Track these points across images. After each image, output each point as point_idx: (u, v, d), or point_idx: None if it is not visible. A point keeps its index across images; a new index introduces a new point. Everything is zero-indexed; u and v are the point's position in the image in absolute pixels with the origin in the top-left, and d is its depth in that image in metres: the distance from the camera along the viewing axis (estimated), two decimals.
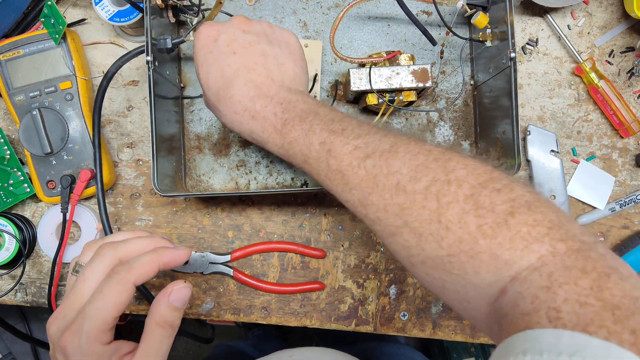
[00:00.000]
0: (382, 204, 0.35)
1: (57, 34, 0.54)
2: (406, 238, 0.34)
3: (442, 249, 0.32)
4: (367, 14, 0.60)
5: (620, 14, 0.61)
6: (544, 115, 0.61)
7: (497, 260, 0.30)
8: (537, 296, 0.27)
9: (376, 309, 0.62)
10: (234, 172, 0.60)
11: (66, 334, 0.35)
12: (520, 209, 0.31)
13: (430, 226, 0.33)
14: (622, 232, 0.62)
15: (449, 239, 0.32)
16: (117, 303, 0.35)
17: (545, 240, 0.29)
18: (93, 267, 0.37)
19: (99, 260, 0.37)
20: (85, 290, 0.36)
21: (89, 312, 0.35)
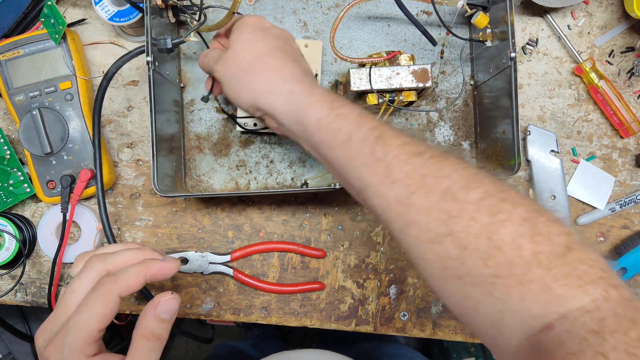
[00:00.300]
0: (426, 207, 0.33)
1: (57, 34, 0.54)
2: (447, 248, 0.32)
3: (488, 267, 0.30)
4: (367, 14, 0.60)
5: (620, 14, 0.61)
6: (544, 115, 0.61)
7: (548, 294, 0.29)
8: (586, 339, 0.27)
9: (376, 309, 0.62)
10: (234, 172, 0.60)
11: (50, 347, 0.34)
12: (576, 245, 0.30)
13: (477, 241, 0.31)
14: (622, 232, 0.62)
15: (498, 259, 0.30)
16: (102, 315, 0.34)
17: (600, 283, 0.29)
18: (81, 279, 0.37)
19: (86, 273, 0.37)
20: (71, 302, 0.36)
21: (73, 324, 0.34)
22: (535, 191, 0.61)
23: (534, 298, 0.29)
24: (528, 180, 0.62)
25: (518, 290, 0.30)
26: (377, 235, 0.62)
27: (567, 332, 0.28)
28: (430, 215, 0.33)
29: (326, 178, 0.60)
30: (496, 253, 0.30)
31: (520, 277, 0.29)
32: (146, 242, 0.61)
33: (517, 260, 0.30)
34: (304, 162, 0.60)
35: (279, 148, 0.60)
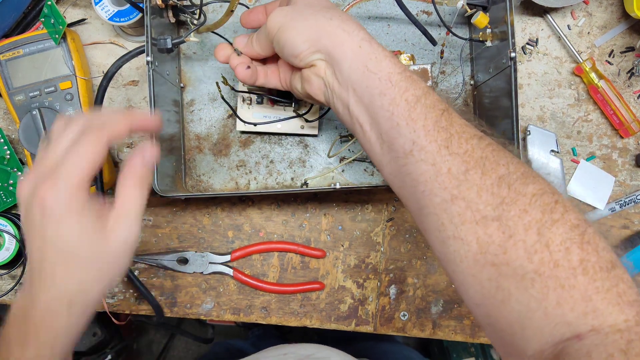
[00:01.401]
0: (479, 185, 0.32)
1: (57, 34, 0.54)
2: (490, 232, 0.31)
3: (531, 262, 0.30)
4: (367, 14, 0.60)
5: (620, 14, 0.61)
6: (544, 115, 0.61)
7: (587, 304, 0.29)
8: (613, 355, 0.27)
9: (376, 309, 0.62)
10: (234, 172, 0.60)
11: (44, 186, 0.34)
12: (619, 263, 0.30)
13: (526, 233, 0.30)
14: (622, 232, 0.62)
15: (544, 257, 0.30)
16: (92, 158, 0.34)
17: (635, 305, 0.29)
18: (67, 131, 0.36)
19: (73, 124, 0.36)
20: (59, 150, 0.35)
21: (66, 163, 0.34)
22: None
23: (573, 305, 0.29)
24: None
25: (557, 292, 0.29)
26: (377, 235, 0.62)
27: (596, 346, 0.28)
28: (482, 196, 0.32)
29: (326, 178, 0.60)
30: (543, 250, 0.30)
31: (563, 281, 0.29)
32: (146, 242, 0.61)
33: (563, 262, 0.29)
34: (304, 162, 0.60)
35: (279, 148, 0.60)
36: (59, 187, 0.34)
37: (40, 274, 0.35)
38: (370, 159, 0.49)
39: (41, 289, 0.35)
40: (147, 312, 0.61)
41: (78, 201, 0.34)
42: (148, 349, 1.46)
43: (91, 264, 0.36)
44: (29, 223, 0.35)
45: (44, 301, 0.35)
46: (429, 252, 0.62)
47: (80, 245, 0.35)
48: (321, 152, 0.60)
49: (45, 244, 0.35)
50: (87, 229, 0.35)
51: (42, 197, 0.34)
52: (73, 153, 0.34)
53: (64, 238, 0.35)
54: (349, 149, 0.60)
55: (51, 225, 0.34)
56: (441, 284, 0.62)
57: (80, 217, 0.35)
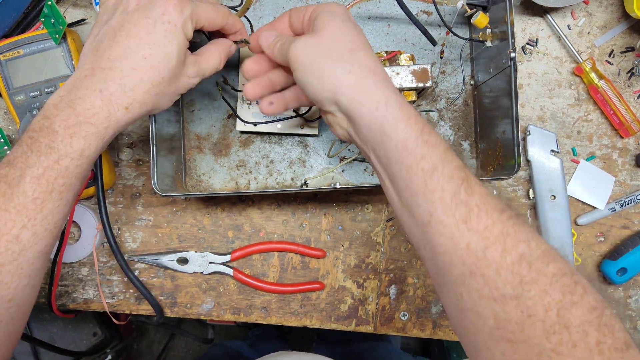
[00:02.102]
0: (499, 264, 0.32)
1: (57, 34, 0.54)
2: (509, 310, 0.32)
3: (549, 342, 0.30)
4: (367, 14, 0.60)
5: (620, 14, 0.61)
6: (544, 115, 0.61)
7: None
8: None
9: (376, 309, 0.62)
10: (234, 172, 0.60)
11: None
12: (632, 344, 0.31)
13: (546, 314, 0.31)
14: (622, 232, 0.62)
15: (562, 337, 0.30)
16: (215, 13, 0.42)
17: None
18: None
19: None
20: None
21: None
22: (535, 191, 0.61)
23: None
24: (528, 180, 0.62)
25: None
26: (377, 235, 0.62)
27: None
28: (501, 274, 0.32)
29: (326, 178, 0.60)
30: (562, 331, 0.30)
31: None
32: (146, 242, 0.61)
33: (581, 344, 0.30)
34: (304, 162, 0.60)
35: (279, 148, 0.60)
36: (185, 8, 0.39)
37: (116, 68, 0.38)
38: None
39: (109, 81, 0.38)
40: (147, 312, 0.61)
41: (187, 30, 0.40)
42: (148, 349, 1.46)
43: (161, 82, 0.40)
44: (137, 12, 0.39)
45: (109, 95, 0.38)
46: None
47: (169, 63, 0.40)
48: (321, 152, 0.60)
49: (146, 40, 0.38)
50: (181, 55, 0.40)
51: (167, 4, 0.38)
52: (206, 2, 0.42)
53: (166, 48, 0.39)
54: (349, 149, 0.60)
55: (160, 29, 0.38)
56: None
57: (184, 43, 0.40)
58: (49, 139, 0.36)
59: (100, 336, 0.97)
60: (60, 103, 0.37)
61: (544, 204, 0.60)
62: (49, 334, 0.92)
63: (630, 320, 0.63)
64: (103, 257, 0.61)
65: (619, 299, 0.63)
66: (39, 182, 0.36)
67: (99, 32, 0.40)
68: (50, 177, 0.36)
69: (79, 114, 0.37)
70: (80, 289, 0.61)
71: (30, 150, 0.36)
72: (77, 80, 0.38)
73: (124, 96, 0.38)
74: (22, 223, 0.36)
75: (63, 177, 0.37)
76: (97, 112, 0.37)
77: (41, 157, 0.36)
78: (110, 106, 0.38)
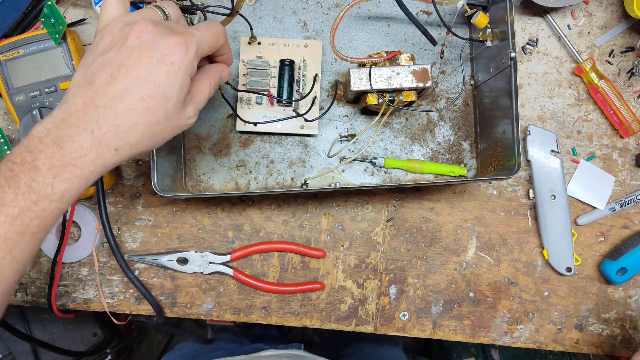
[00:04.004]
0: None
1: (57, 34, 0.54)
2: None
3: None
4: (367, 14, 0.60)
5: (620, 14, 0.61)
6: (544, 115, 0.61)
7: None
8: None
9: (376, 309, 0.62)
10: (234, 172, 0.60)
11: (175, 37, 0.38)
12: None
13: None
14: (622, 232, 0.62)
15: None
16: (216, 40, 0.42)
17: None
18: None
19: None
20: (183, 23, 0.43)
21: (201, 31, 0.40)
22: (535, 191, 0.61)
23: None
24: (528, 180, 0.62)
25: None
26: (377, 235, 0.62)
27: None
28: None
29: (326, 178, 0.60)
30: None
31: None
32: (146, 242, 0.61)
33: None
34: (304, 162, 0.60)
35: (279, 148, 0.60)
36: (191, 47, 0.38)
37: (111, 107, 0.36)
38: None
39: (101, 121, 0.36)
40: (147, 312, 0.61)
41: (192, 69, 0.39)
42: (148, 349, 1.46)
43: (156, 124, 0.38)
44: (138, 48, 0.37)
45: (100, 136, 0.36)
46: (429, 252, 0.62)
47: (166, 105, 0.38)
48: (321, 152, 0.60)
49: (146, 80, 0.37)
50: (180, 97, 0.39)
51: (171, 45, 0.37)
52: (205, 28, 0.40)
53: (166, 89, 0.37)
54: (349, 149, 0.60)
55: (163, 70, 0.37)
56: (441, 284, 0.62)
57: (187, 84, 0.39)
58: (30, 177, 0.34)
59: (100, 336, 0.97)
60: (46, 138, 0.35)
61: (544, 204, 0.60)
62: (49, 334, 0.93)
63: (630, 320, 0.63)
64: (103, 257, 0.61)
65: (619, 299, 0.63)
66: (12, 222, 0.34)
67: (94, 63, 0.37)
68: (25, 218, 0.34)
69: (66, 153, 0.35)
70: (80, 289, 0.61)
71: (8, 186, 0.34)
72: (67, 114, 0.36)
73: (116, 138, 0.36)
74: None
75: (39, 219, 0.35)
76: (85, 154, 0.36)
77: (19, 197, 0.34)
78: (100, 148, 0.36)
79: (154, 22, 0.38)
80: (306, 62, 0.57)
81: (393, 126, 0.60)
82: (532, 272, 0.62)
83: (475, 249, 0.62)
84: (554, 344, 0.63)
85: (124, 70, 0.36)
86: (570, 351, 0.63)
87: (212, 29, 0.41)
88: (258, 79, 0.56)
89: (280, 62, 0.56)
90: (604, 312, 0.63)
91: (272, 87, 0.57)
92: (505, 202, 0.62)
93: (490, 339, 0.62)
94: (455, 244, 0.62)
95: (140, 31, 0.37)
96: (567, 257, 0.61)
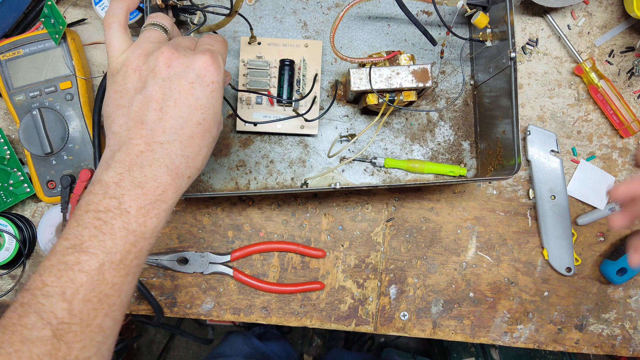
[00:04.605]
0: None
1: (57, 34, 0.54)
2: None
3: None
4: (367, 14, 0.60)
5: (620, 14, 0.61)
6: (544, 115, 0.61)
7: None
8: None
9: (376, 309, 0.62)
10: (234, 172, 0.60)
11: (204, 57, 0.39)
12: None
13: None
14: (622, 232, 0.62)
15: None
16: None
17: None
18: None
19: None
20: (193, 39, 0.43)
21: (219, 47, 0.42)
22: (535, 191, 0.61)
23: None
24: (528, 180, 0.62)
25: None
26: (377, 235, 0.62)
27: None
28: None
29: (326, 178, 0.60)
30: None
31: None
32: None
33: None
34: (304, 162, 0.60)
35: (279, 148, 0.60)
36: (219, 62, 0.39)
37: (175, 140, 0.37)
38: None
39: (172, 155, 0.37)
40: (147, 312, 0.61)
41: (223, 81, 0.40)
42: (148, 349, 1.46)
43: (214, 141, 0.40)
44: (175, 77, 0.38)
45: (175, 169, 0.37)
46: (429, 252, 0.62)
47: (218, 120, 0.40)
48: (321, 152, 0.60)
49: (197, 105, 0.38)
50: (222, 106, 0.41)
51: (204, 65, 0.38)
52: (217, 42, 0.42)
53: (215, 107, 0.39)
54: (349, 149, 0.60)
55: (207, 91, 0.38)
56: (441, 284, 0.62)
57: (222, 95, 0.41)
58: (123, 221, 0.35)
59: None
60: (122, 182, 0.36)
61: (544, 204, 0.60)
62: None
63: (630, 320, 0.63)
64: None
65: (619, 299, 0.63)
66: (117, 267, 0.35)
67: (133, 102, 0.38)
68: (127, 260, 0.35)
69: (149, 192, 0.36)
70: None
71: (103, 234, 0.35)
72: (133, 156, 0.36)
73: (187, 167, 0.38)
74: (104, 312, 0.34)
75: (138, 259, 0.36)
76: (167, 189, 0.37)
77: (117, 241, 0.35)
78: (177, 180, 0.38)
79: (174, 46, 0.39)
80: (306, 62, 0.57)
81: (393, 126, 0.60)
82: (532, 272, 0.62)
83: (475, 249, 0.62)
84: (554, 344, 0.63)
85: (171, 102, 0.37)
86: (570, 351, 0.63)
87: (221, 41, 0.43)
88: (258, 79, 0.56)
89: (280, 62, 0.56)
90: (604, 312, 0.63)
91: (272, 87, 0.57)
92: (505, 202, 0.62)
93: (490, 339, 0.62)
94: (455, 244, 0.62)
95: (168, 59, 0.38)
96: (567, 257, 0.61)
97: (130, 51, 0.39)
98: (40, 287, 0.33)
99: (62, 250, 0.34)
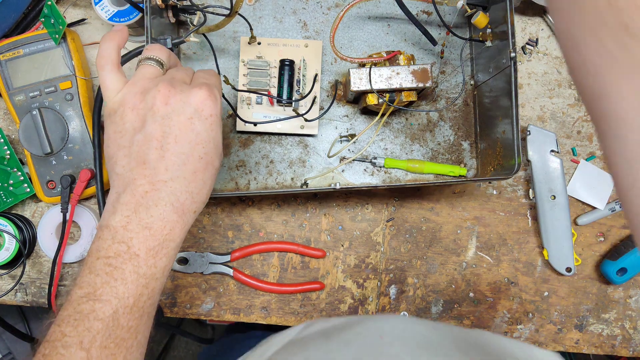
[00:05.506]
0: None
1: (57, 34, 0.54)
2: None
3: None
4: (367, 14, 0.60)
5: None
6: (544, 115, 0.61)
7: None
8: None
9: (376, 309, 0.62)
10: (234, 172, 0.60)
11: (201, 91, 0.39)
12: None
13: None
14: (622, 232, 0.62)
15: None
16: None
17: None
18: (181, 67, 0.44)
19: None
20: (189, 72, 0.43)
21: (214, 80, 0.42)
22: (535, 191, 0.61)
23: None
24: (528, 180, 0.62)
25: None
26: (377, 235, 0.62)
27: None
28: None
29: (326, 178, 0.60)
30: None
31: None
32: None
33: None
34: (304, 162, 0.60)
35: (279, 148, 0.60)
36: (216, 94, 0.39)
37: (179, 177, 0.37)
38: None
39: (177, 193, 0.37)
40: None
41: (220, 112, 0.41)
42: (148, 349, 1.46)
43: (216, 173, 0.40)
44: (173, 114, 0.37)
45: (180, 207, 0.37)
46: (429, 252, 0.62)
47: (219, 151, 0.40)
48: (321, 152, 0.60)
49: (197, 140, 0.38)
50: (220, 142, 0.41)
51: (201, 99, 0.38)
52: (213, 76, 0.42)
53: (215, 140, 0.39)
54: (349, 149, 0.60)
55: (205, 125, 0.38)
56: (441, 284, 0.62)
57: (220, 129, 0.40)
58: (133, 265, 0.35)
59: None
60: (129, 225, 0.36)
61: (544, 204, 0.60)
62: None
63: (630, 320, 0.63)
64: None
65: (619, 299, 0.63)
66: (131, 311, 0.35)
67: (133, 142, 0.38)
68: (140, 302, 0.36)
69: (157, 233, 0.36)
70: None
71: (114, 279, 0.35)
72: (138, 197, 0.36)
73: (192, 202, 0.38)
74: (122, 355, 0.35)
75: (151, 299, 0.37)
76: (174, 227, 0.37)
77: (129, 286, 0.35)
78: (184, 216, 0.38)
79: (170, 83, 0.38)
80: (306, 62, 0.57)
81: (393, 126, 0.60)
82: (532, 272, 0.62)
83: (475, 249, 0.62)
84: (554, 344, 0.63)
85: (171, 140, 0.37)
86: (570, 351, 0.63)
87: (215, 75, 0.43)
88: (258, 79, 0.56)
89: (280, 62, 0.56)
90: (604, 312, 0.63)
91: (272, 87, 0.57)
92: (505, 202, 0.62)
93: None
94: (455, 244, 0.62)
95: (166, 97, 0.37)
96: (567, 257, 0.61)
97: (126, 90, 0.39)
98: (60, 337, 0.34)
99: (77, 299, 0.35)
